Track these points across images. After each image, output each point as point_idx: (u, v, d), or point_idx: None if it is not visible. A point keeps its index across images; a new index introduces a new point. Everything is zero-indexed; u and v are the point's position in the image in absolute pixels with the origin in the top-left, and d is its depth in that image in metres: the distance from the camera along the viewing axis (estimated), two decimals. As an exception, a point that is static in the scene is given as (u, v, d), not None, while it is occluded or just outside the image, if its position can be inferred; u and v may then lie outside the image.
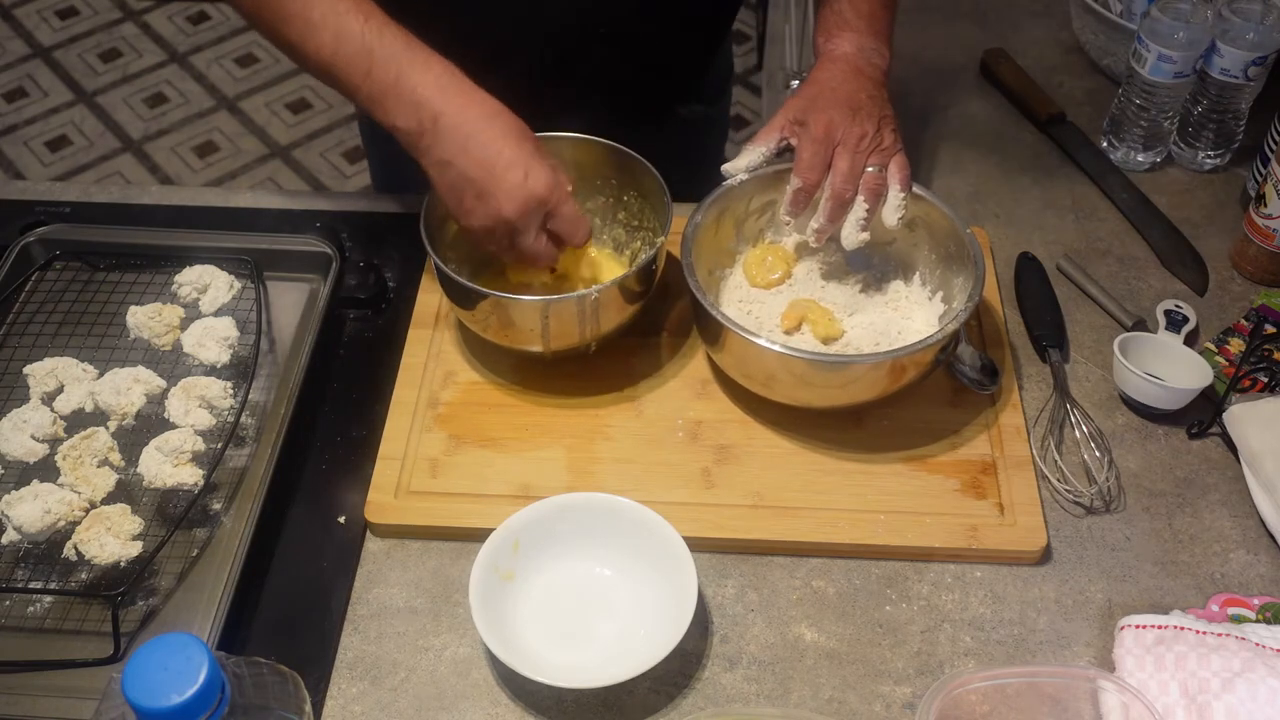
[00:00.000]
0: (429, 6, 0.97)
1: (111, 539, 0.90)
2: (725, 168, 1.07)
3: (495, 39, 1.00)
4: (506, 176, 0.92)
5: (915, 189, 1.04)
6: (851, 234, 1.03)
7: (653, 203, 1.08)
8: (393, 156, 1.04)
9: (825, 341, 1.06)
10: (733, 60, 1.45)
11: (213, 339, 1.04)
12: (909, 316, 1.08)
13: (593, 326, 1.01)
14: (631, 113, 1.16)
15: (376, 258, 1.16)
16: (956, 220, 1.04)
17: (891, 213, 1.02)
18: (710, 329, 1.00)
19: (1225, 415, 1.01)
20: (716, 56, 1.32)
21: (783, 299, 1.09)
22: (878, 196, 1.02)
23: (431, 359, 1.07)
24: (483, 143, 0.92)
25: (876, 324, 1.08)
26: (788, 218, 1.06)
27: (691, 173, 1.12)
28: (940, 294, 1.07)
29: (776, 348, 0.95)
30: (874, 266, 1.11)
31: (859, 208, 1.01)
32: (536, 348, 1.01)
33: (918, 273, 1.09)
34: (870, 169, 1.01)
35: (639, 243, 1.12)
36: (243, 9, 0.97)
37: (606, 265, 1.13)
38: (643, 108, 1.25)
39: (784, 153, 1.05)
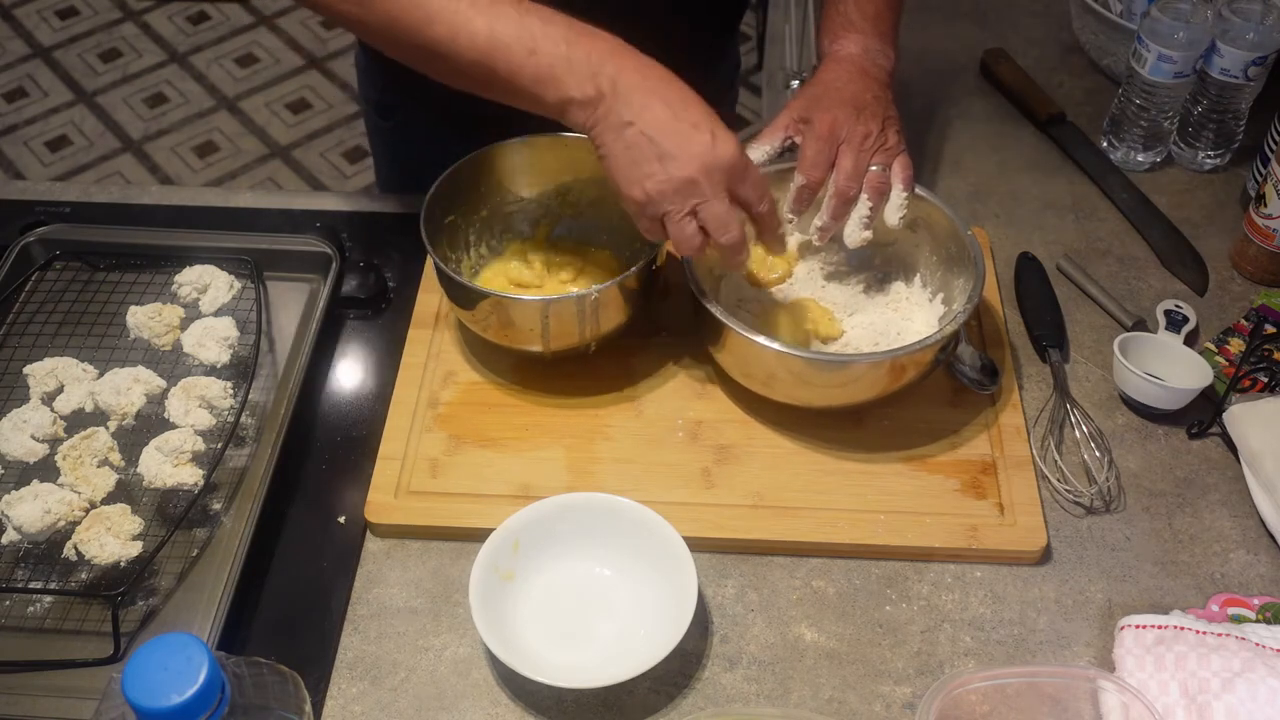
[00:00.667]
0: None
1: (111, 539, 0.90)
2: None
3: None
4: (694, 136, 0.88)
5: (917, 190, 1.04)
6: (854, 232, 1.03)
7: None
8: (402, 155, 1.04)
9: (824, 341, 1.06)
10: (739, 60, 1.44)
11: (213, 339, 1.04)
12: (909, 318, 1.08)
13: (592, 326, 1.01)
14: None
15: (376, 258, 1.16)
16: (958, 221, 1.04)
17: (893, 212, 1.02)
18: (710, 328, 1.00)
19: (1225, 415, 1.01)
20: (723, 56, 1.31)
21: (783, 298, 1.09)
22: (881, 195, 1.02)
23: (431, 359, 1.07)
24: (667, 101, 0.89)
25: (876, 324, 1.08)
26: (790, 216, 1.06)
27: None
28: (941, 295, 1.07)
29: (776, 347, 0.95)
30: (875, 267, 1.11)
31: (862, 206, 1.01)
32: (536, 348, 1.01)
33: (919, 274, 1.09)
34: (874, 168, 1.01)
35: (639, 243, 1.12)
36: (372, 22, 0.92)
37: (607, 265, 1.13)
38: None
39: (788, 151, 1.05)
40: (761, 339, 0.95)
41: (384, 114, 1.34)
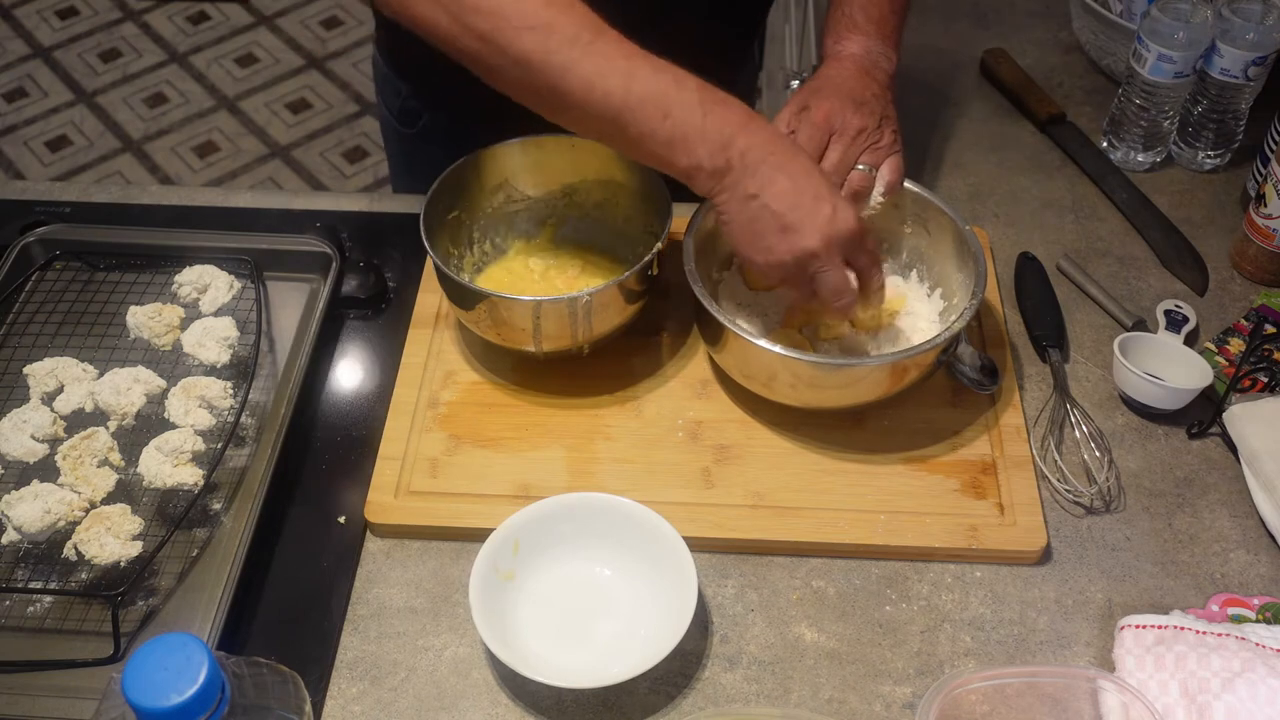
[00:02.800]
0: None
1: (111, 539, 0.90)
2: None
3: None
4: (817, 210, 0.91)
5: (915, 187, 1.05)
6: None
7: (656, 207, 1.08)
8: (423, 162, 1.04)
9: (825, 341, 1.06)
10: (761, 61, 1.43)
11: (213, 339, 1.04)
12: (909, 313, 1.08)
13: (585, 329, 1.00)
14: None
15: (376, 258, 1.16)
16: (955, 216, 1.04)
17: (863, 211, 1.03)
18: (711, 330, 1.00)
19: (1225, 415, 1.01)
20: (748, 56, 1.31)
21: (782, 300, 1.09)
22: (859, 198, 1.02)
23: (431, 359, 1.07)
24: (791, 175, 0.91)
25: (876, 323, 1.08)
26: None
27: None
28: (940, 290, 1.07)
29: (778, 349, 0.95)
30: (874, 266, 1.12)
31: None
32: (529, 348, 1.01)
33: (915, 270, 1.09)
34: (860, 167, 1.01)
35: (642, 247, 1.12)
36: (501, 63, 0.90)
37: (609, 269, 1.13)
38: None
39: None
40: (763, 341, 0.95)
41: (406, 122, 1.33)
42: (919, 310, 1.08)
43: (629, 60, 0.90)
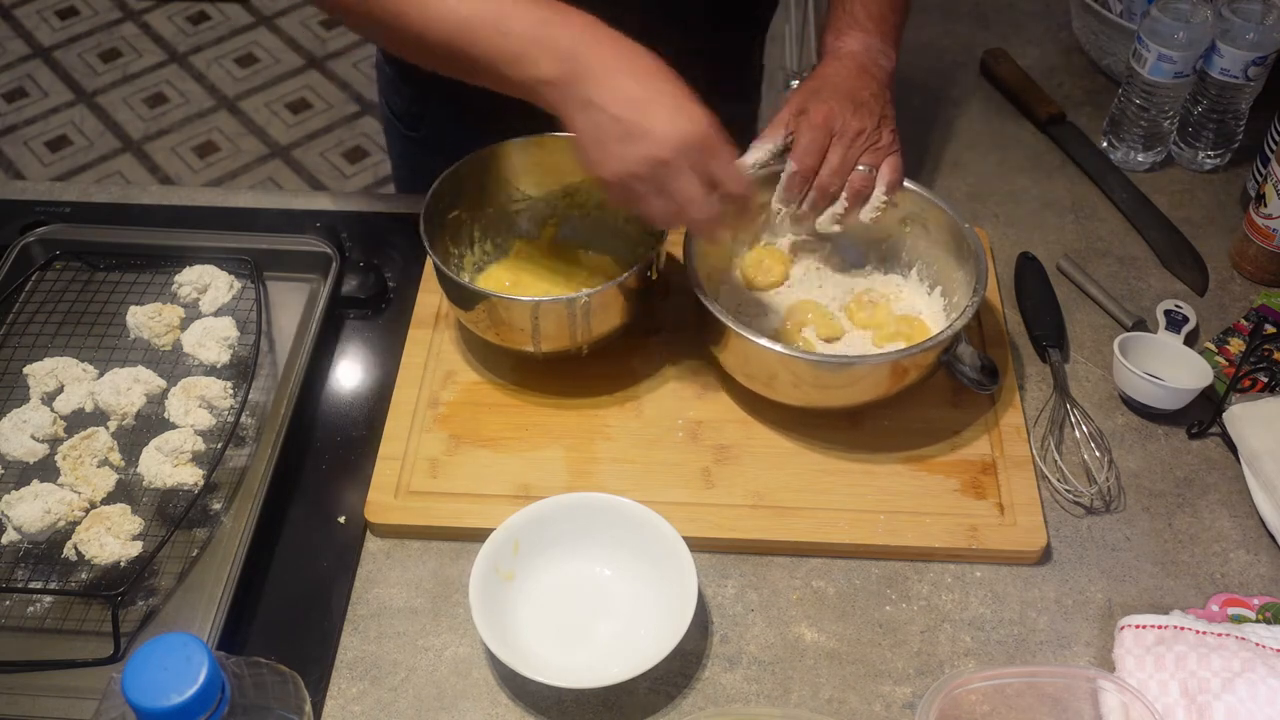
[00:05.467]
0: None
1: (111, 539, 0.90)
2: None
3: None
4: (656, 113, 0.86)
5: (913, 186, 1.05)
6: (825, 223, 1.05)
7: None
8: (428, 166, 1.04)
9: (827, 341, 1.06)
10: (763, 61, 1.43)
11: (213, 339, 1.04)
12: (910, 311, 1.08)
13: (584, 330, 1.00)
14: None
15: (376, 258, 1.16)
16: (954, 214, 1.04)
17: (867, 212, 1.04)
18: (713, 329, 1.00)
19: (1225, 415, 1.01)
20: (751, 54, 1.31)
21: (782, 300, 1.09)
22: (859, 198, 1.03)
23: (431, 359, 1.07)
24: (630, 80, 0.87)
25: (877, 322, 1.08)
26: (779, 205, 1.05)
27: None
28: (939, 287, 1.07)
29: (780, 349, 0.95)
30: (870, 264, 1.12)
31: (839, 204, 1.02)
32: (528, 348, 1.01)
33: (914, 268, 1.10)
34: (861, 168, 1.01)
35: (642, 247, 1.12)
36: (352, 12, 0.94)
37: (609, 269, 1.13)
38: None
39: (791, 147, 1.05)
40: (765, 341, 0.95)
41: (410, 125, 1.33)
42: (919, 308, 1.08)
43: None
